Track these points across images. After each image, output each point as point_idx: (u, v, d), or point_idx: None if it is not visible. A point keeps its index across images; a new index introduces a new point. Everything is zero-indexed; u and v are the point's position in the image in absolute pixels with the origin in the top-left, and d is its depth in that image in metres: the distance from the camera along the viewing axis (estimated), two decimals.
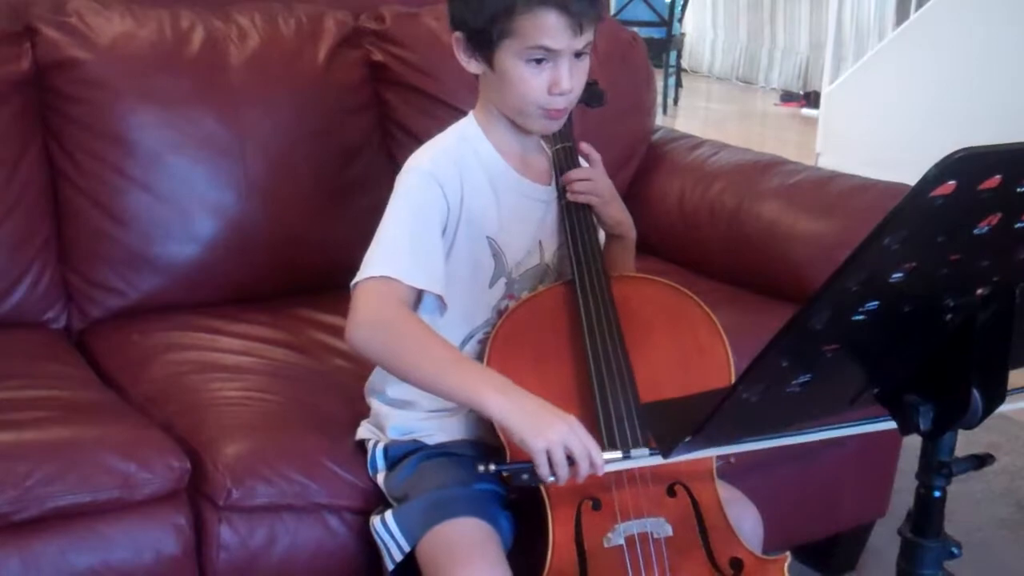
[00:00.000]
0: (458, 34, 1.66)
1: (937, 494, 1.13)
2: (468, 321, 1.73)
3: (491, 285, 1.74)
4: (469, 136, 1.73)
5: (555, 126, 1.72)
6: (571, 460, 1.48)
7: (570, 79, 1.64)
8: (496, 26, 1.61)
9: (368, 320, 1.58)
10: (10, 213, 2.09)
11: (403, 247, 1.61)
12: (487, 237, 1.72)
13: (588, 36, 1.64)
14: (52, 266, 2.14)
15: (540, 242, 1.79)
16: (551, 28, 1.60)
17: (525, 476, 1.51)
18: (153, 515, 1.66)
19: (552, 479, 1.49)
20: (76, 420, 1.74)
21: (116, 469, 1.63)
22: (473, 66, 1.68)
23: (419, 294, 1.63)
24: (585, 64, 1.68)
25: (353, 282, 1.61)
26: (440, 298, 1.65)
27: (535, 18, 1.59)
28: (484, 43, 1.64)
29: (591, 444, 1.49)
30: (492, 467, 1.51)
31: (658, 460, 1.54)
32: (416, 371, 1.58)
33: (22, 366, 1.91)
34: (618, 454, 1.53)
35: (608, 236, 1.87)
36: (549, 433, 1.48)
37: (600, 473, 1.50)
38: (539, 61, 1.62)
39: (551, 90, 1.64)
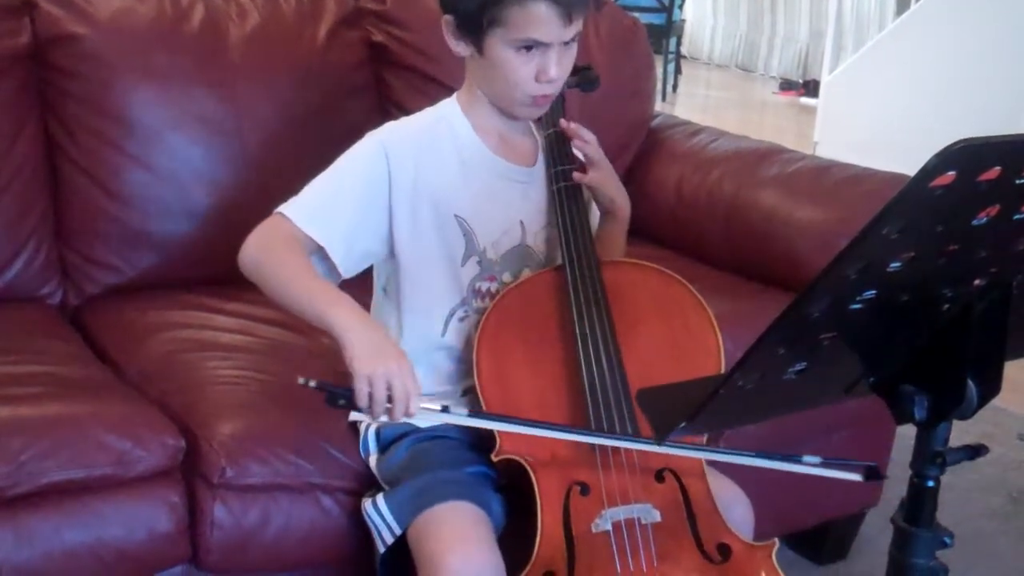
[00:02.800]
0: (448, 16, 1.67)
1: (930, 484, 1.13)
2: (444, 300, 1.74)
3: (463, 263, 1.75)
4: (446, 115, 1.75)
5: (540, 112, 1.74)
6: (390, 399, 1.51)
7: (558, 68, 1.65)
8: (486, 13, 1.61)
9: (251, 243, 1.67)
10: (7, 188, 2.09)
11: (314, 197, 1.69)
12: (455, 216, 1.73)
13: (578, 25, 1.64)
14: (48, 242, 2.14)
15: (521, 222, 1.79)
16: (541, 20, 1.60)
17: (342, 402, 1.53)
18: (147, 492, 1.67)
19: (365, 412, 1.53)
20: (71, 396, 1.74)
21: (110, 446, 1.63)
22: (461, 48, 1.69)
23: (323, 253, 1.67)
24: (573, 50, 1.68)
25: None
26: (331, 265, 1.67)
27: (524, 10, 1.60)
28: (473, 28, 1.64)
29: (413, 389, 1.52)
30: (312, 383, 1.52)
31: (474, 422, 1.59)
32: (276, 285, 1.64)
33: (17, 342, 1.91)
34: (437, 405, 1.56)
35: (602, 214, 1.88)
36: (378, 365, 1.51)
37: (411, 418, 1.55)
38: (528, 48, 1.63)
39: (539, 78, 1.65)
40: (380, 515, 1.63)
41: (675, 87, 8.43)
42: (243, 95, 2.23)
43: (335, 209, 1.68)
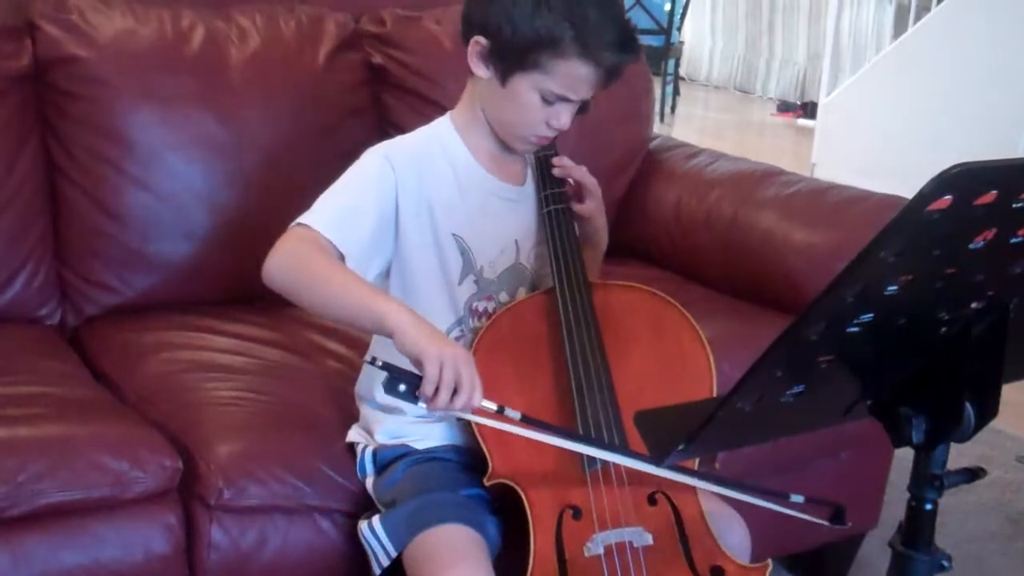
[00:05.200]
0: (484, 40, 1.65)
1: (928, 506, 1.13)
2: (439, 319, 1.71)
3: (460, 282, 1.75)
4: (440, 132, 1.75)
5: (533, 150, 1.76)
6: (454, 390, 1.47)
7: (568, 119, 1.67)
8: (532, 55, 1.61)
9: (279, 252, 1.61)
10: (6, 208, 2.09)
11: (331, 208, 1.65)
12: (453, 234, 1.73)
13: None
14: (48, 262, 2.14)
15: (516, 241, 1.79)
16: (582, 81, 1.63)
17: (403, 387, 1.48)
18: (144, 514, 1.66)
19: (425, 403, 1.48)
20: (69, 417, 1.73)
21: (108, 467, 1.63)
22: (482, 71, 1.67)
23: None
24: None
25: None
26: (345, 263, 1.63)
27: (572, 66, 1.61)
28: (510, 61, 1.64)
29: (478, 384, 1.48)
30: (379, 362, 1.49)
31: (516, 430, 1.54)
32: (319, 294, 1.59)
33: (16, 362, 1.91)
34: (493, 405, 1.51)
35: (583, 243, 1.87)
36: (447, 349, 1.47)
37: (470, 411, 1.50)
38: (552, 101, 1.64)
39: (550, 123, 1.67)
40: (376, 537, 1.62)
41: (673, 108, 8.45)
42: (243, 116, 2.23)
43: (356, 220, 1.65)
